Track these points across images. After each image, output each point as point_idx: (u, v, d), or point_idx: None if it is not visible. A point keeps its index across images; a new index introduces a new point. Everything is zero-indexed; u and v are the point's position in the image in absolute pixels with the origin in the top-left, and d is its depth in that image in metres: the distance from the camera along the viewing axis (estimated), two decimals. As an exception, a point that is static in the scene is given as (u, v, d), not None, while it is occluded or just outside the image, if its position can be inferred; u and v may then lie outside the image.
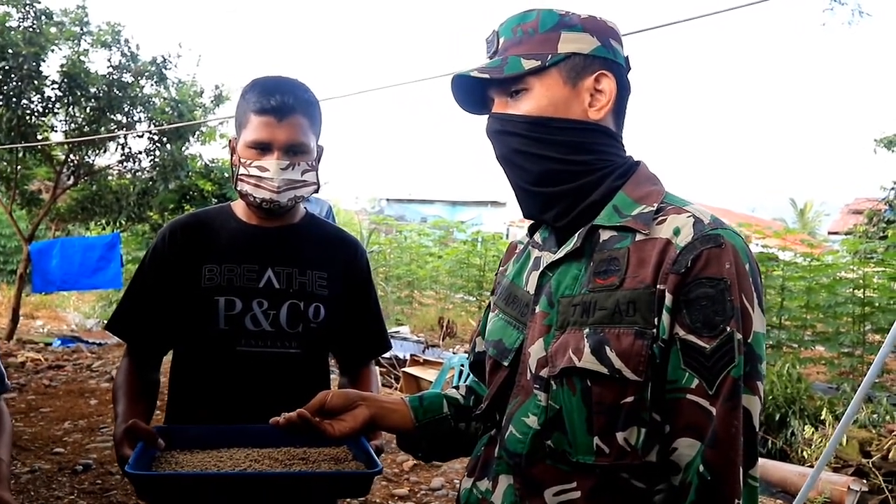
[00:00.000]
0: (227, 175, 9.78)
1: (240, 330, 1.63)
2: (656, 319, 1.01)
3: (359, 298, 1.79)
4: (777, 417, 5.54)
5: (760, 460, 4.64)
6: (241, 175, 1.61)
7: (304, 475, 1.28)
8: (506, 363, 1.19)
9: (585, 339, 1.04)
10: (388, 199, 31.75)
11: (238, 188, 1.64)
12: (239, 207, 1.72)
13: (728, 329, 0.98)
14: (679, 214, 1.07)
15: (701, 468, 0.97)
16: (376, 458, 1.30)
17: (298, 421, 1.21)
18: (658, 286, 1.01)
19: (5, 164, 8.96)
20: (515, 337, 1.18)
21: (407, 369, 6.92)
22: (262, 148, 1.59)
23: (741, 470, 0.98)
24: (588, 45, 1.13)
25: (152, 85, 9.14)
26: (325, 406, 1.25)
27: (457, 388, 1.42)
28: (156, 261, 1.70)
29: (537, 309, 1.14)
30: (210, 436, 1.43)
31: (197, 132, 9.63)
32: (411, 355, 7.51)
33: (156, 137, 9.26)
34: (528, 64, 1.12)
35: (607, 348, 1.02)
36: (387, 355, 8.05)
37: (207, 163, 10.22)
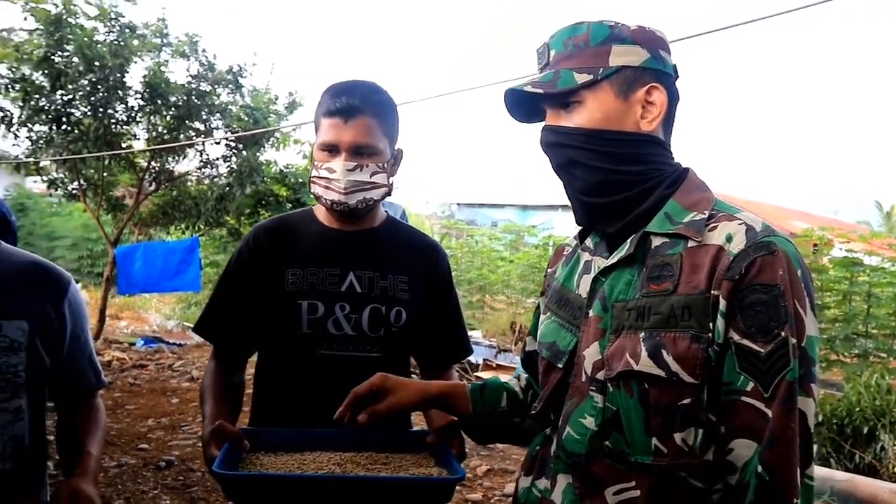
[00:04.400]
0: (301, 180, 9.97)
1: (322, 333, 1.64)
2: (711, 324, 1.03)
3: (440, 302, 1.79)
4: (865, 431, 5.30)
5: (848, 475, 4.48)
6: (313, 177, 1.65)
7: (386, 479, 1.29)
8: (560, 365, 1.22)
9: (642, 343, 1.07)
10: (458, 204, 31.85)
11: (311, 190, 1.67)
12: (321, 212, 1.73)
13: (782, 334, 1.01)
14: (731, 222, 1.09)
15: (759, 468, 1.00)
16: (458, 464, 1.31)
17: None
18: (712, 292, 1.04)
19: (93, 171, 9.34)
20: (569, 339, 1.21)
21: (480, 374, 6.92)
22: (331, 150, 1.61)
23: (798, 470, 0.99)
24: (638, 58, 1.15)
25: (228, 93, 9.38)
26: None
27: (518, 378, 1.46)
28: (241, 264, 1.73)
29: (591, 313, 1.16)
30: (294, 439, 1.45)
31: (272, 138, 9.85)
32: (484, 360, 7.52)
33: (232, 144, 9.51)
34: (581, 78, 1.15)
35: (664, 352, 1.05)
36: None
37: (282, 168, 10.45)
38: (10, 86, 8.54)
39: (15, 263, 1.43)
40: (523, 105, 1.25)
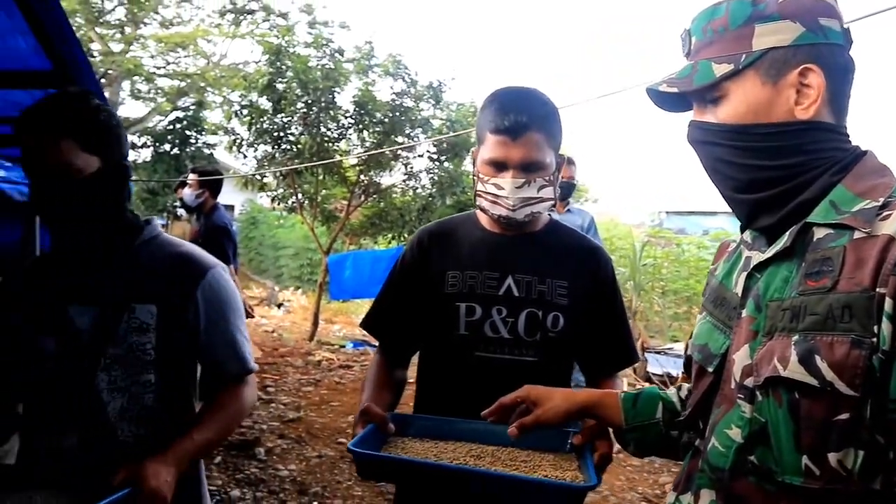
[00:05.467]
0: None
1: (479, 336, 1.66)
2: (876, 328, 0.88)
3: (602, 308, 1.74)
4: None
5: None
6: (479, 191, 1.66)
7: (500, 476, 1.27)
8: (710, 369, 1.12)
9: (793, 347, 0.94)
10: (667, 212, 30.81)
11: (477, 202, 1.69)
12: (483, 216, 1.75)
13: None
14: None
15: None
16: (594, 471, 1.26)
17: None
18: (878, 290, 0.88)
19: (308, 185, 10.17)
20: (721, 342, 1.11)
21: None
22: (498, 166, 1.61)
23: None
24: (789, 35, 1.01)
25: (430, 107, 9.82)
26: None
27: (680, 388, 1.35)
28: (405, 266, 1.79)
29: (744, 313, 1.05)
30: (444, 427, 1.48)
31: (472, 150, 10.13)
32: (682, 373, 7.19)
33: (434, 156, 9.92)
34: (720, 69, 1.04)
35: (817, 358, 0.91)
36: (658, 372, 7.78)
37: (481, 178, 10.70)
38: (239, 111, 9.57)
39: (164, 253, 1.59)
40: (672, 96, 1.14)
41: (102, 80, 15.42)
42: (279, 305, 13.61)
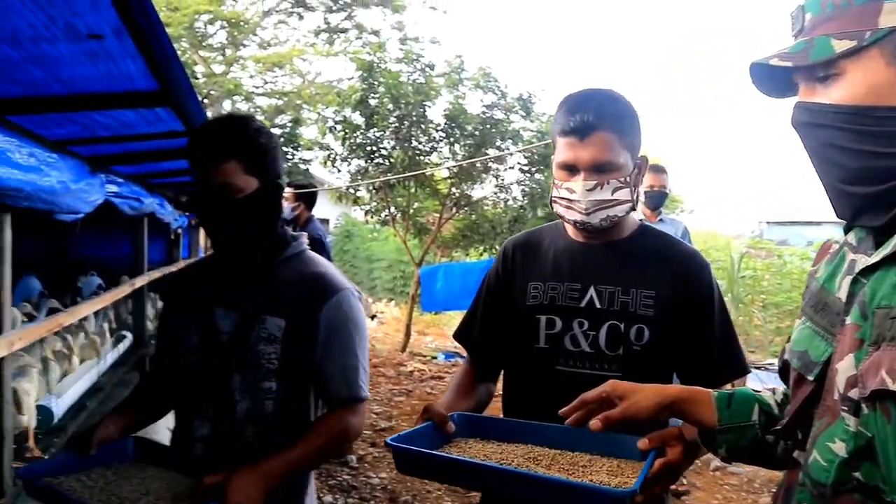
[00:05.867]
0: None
1: (559, 349, 1.61)
2: None
3: (698, 318, 1.63)
4: None
5: None
6: (554, 196, 1.62)
7: (527, 475, 1.22)
8: (811, 378, 1.05)
9: None
10: (768, 223, 29.76)
11: (553, 210, 1.65)
12: (568, 225, 1.70)
13: None
14: None
15: None
16: (642, 480, 1.18)
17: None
18: None
19: (401, 198, 10.34)
20: (823, 349, 1.04)
21: (777, 402, 6.35)
22: (569, 169, 1.57)
23: None
24: None
25: (520, 119, 9.82)
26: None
27: (774, 391, 1.28)
28: (493, 278, 1.77)
29: (848, 320, 0.99)
30: (513, 430, 1.44)
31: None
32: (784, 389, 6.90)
33: (525, 168, 9.91)
34: (840, 45, 0.97)
35: None
36: (759, 388, 7.36)
37: (573, 189, 10.63)
38: (333, 127, 9.85)
39: (301, 270, 1.68)
40: (773, 77, 1.09)
41: (205, 101, 16.17)
42: (373, 317, 13.85)
